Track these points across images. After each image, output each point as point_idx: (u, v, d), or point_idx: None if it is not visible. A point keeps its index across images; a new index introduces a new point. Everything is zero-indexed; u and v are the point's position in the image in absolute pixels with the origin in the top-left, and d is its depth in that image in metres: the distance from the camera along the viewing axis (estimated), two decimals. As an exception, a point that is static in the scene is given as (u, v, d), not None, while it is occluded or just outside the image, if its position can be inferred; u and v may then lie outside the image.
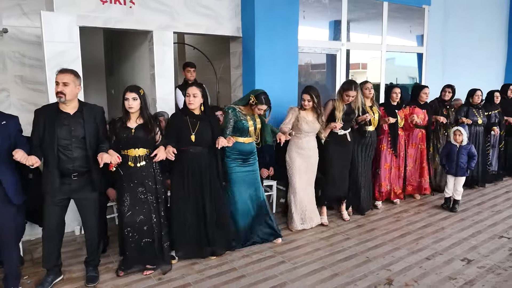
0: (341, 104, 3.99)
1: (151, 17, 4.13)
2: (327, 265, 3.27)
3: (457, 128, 4.54)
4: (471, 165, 4.49)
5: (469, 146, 4.49)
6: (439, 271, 3.17)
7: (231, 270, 3.18)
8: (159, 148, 3.00)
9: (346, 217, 4.30)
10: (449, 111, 5.21)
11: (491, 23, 7.52)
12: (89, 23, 3.83)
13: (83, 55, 6.45)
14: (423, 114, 4.80)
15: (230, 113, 3.48)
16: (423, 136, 4.90)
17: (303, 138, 3.88)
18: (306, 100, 3.78)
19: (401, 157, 4.69)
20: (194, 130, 3.18)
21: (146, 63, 4.49)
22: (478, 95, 5.33)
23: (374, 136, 4.39)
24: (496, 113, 5.59)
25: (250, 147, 3.60)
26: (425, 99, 4.84)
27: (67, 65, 3.76)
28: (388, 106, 4.62)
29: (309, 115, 3.85)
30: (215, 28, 4.53)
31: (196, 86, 3.23)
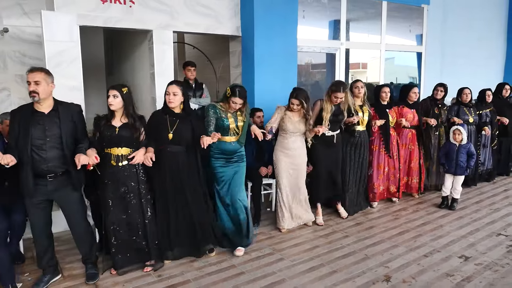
0: (329, 105, 3.92)
1: (151, 17, 4.15)
2: (326, 262, 3.29)
3: (457, 127, 4.52)
4: (470, 164, 4.49)
5: (468, 145, 4.50)
6: (436, 268, 3.19)
7: (230, 267, 3.21)
8: (138, 150, 2.95)
9: (343, 215, 4.29)
10: (441, 110, 5.13)
11: (490, 22, 7.54)
12: (89, 22, 3.85)
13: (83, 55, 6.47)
14: (412, 114, 4.75)
15: (210, 110, 3.40)
16: (413, 136, 4.83)
17: (288, 138, 3.84)
18: (295, 105, 3.73)
19: (394, 157, 4.65)
20: (172, 129, 3.11)
21: (146, 62, 4.51)
22: (466, 93, 5.30)
23: (365, 136, 4.33)
24: (487, 112, 5.54)
25: (233, 146, 3.48)
26: (415, 98, 4.77)
27: (68, 64, 3.83)
28: (378, 106, 4.57)
29: (295, 115, 3.80)
30: (215, 28, 4.56)
31: (176, 84, 3.15)
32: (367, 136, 4.36)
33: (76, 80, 3.87)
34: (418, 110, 4.80)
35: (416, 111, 4.78)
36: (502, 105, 5.81)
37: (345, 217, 4.26)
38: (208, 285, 2.94)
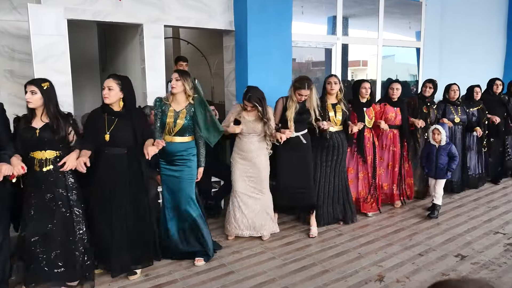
0: (293, 103, 3.55)
1: (141, 10, 4.06)
2: (318, 261, 3.21)
3: (435, 126, 4.21)
4: (451, 166, 4.14)
5: (448, 146, 4.16)
6: (431, 267, 3.11)
7: (220, 266, 3.13)
8: (70, 154, 2.63)
9: (312, 233, 3.68)
10: (429, 109, 4.70)
11: (489, 17, 7.43)
12: (77, 16, 3.76)
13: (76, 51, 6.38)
14: (394, 113, 4.32)
15: (156, 105, 3.12)
16: (394, 137, 4.36)
17: (243, 139, 3.52)
18: (249, 107, 3.43)
19: (369, 162, 4.16)
20: (109, 129, 2.79)
21: (137, 57, 4.42)
22: (454, 89, 4.88)
23: (339, 138, 3.85)
24: (474, 111, 5.06)
25: (172, 147, 3.09)
26: (395, 95, 4.32)
27: (55, 58, 3.74)
28: (356, 103, 4.12)
29: (250, 115, 3.48)
30: (206, 22, 4.46)
31: (113, 78, 2.82)
32: (343, 138, 3.88)
33: (65, 75, 3.77)
34: (403, 109, 4.36)
35: (401, 110, 4.35)
36: (492, 102, 5.33)
37: (313, 236, 3.68)
38: (196, 285, 2.87)
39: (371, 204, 4.21)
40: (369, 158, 4.15)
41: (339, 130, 3.87)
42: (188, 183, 3.15)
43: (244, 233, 3.58)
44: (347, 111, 3.88)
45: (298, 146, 3.62)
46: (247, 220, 3.56)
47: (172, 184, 3.18)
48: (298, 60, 5.88)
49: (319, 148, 3.81)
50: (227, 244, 3.52)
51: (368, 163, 4.14)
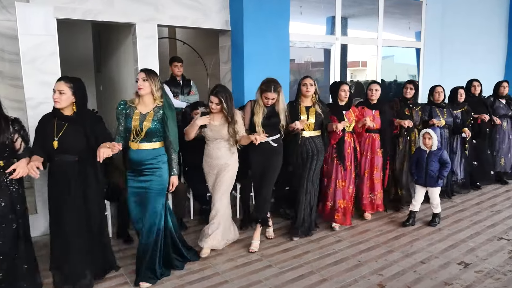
0: (260, 107, 3.36)
1: (133, 9, 3.94)
2: (316, 269, 3.09)
3: (426, 130, 3.93)
4: (442, 173, 3.87)
5: (440, 152, 3.89)
6: (434, 275, 2.99)
7: (214, 275, 3.01)
8: (19, 161, 2.46)
9: (252, 248, 3.42)
10: (411, 111, 4.40)
11: (490, 17, 7.33)
12: (67, 15, 3.64)
13: (71, 52, 6.29)
14: (372, 116, 4.01)
15: (119, 108, 2.83)
16: (373, 142, 4.10)
17: (210, 145, 3.31)
18: (213, 103, 3.17)
19: (348, 169, 3.87)
20: (58, 135, 2.59)
21: (130, 58, 4.30)
22: (439, 91, 4.64)
23: (315, 143, 3.61)
24: (458, 113, 4.82)
25: (139, 155, 2.81)
26: (374, 97, 4.07)
27: (44, 59, 3.62)
28: (335, 106, 3.85)
29: (216, 119, 3.23)
30: (202, 21, 4.34)
31: (65, 81, 2.60)
32: (318, 143, 3.63)
33: (54, 76, 3.61)
34: (383, 111, 4.11)
35: (380, 112, 4.09)
36: (473, 103, 5.12)
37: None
38: (188, 295, 2.75)
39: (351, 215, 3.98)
40: (349, 165, 3.87)
41: (314, 135, 3.63)
42: (157, 194, 2.86)
43: (221, 244, 3.39)
44: (321, 114, 3.61)
45: (267, 151, 3.41)
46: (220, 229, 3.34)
47: (139, 197, 2.87)
48: (297, 61, 5.79)
49: (293, 154, 3.61)
50: (223, 251, 3.39)
51: (348, 170, 3.87)
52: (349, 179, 3.89)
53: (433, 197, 3.96)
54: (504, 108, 5.35)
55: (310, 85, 3.56)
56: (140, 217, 2.89)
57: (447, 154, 3.96)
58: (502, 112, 5.32)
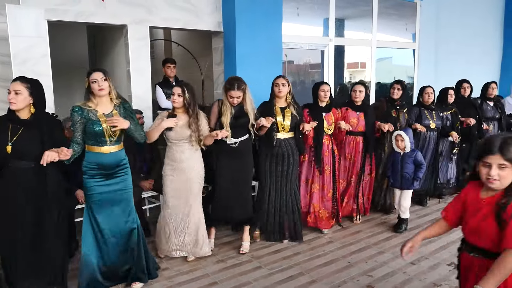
0: (227, 108, 3.26)
1: (125, 11, 3.95)
2: (305, 270, 3.09)
3: (398, 132, 3.82)
4: (417, 174, 3.76)
5: (414, 153, 3.78)
6: (423, 277, 2.99)
7: (203, 277, 3.01)
8: None
9: (243, 249, 3.38)
10: (398, 113, 4.24)
11: (485, 18, 7.33)
12: (58, 17, 3.65)
13: (67, 53, 6.30)
14: (356, 118, 3.93)
15: (76, 114, 2.60)
16: (357, 145, 3.99)
17: (173, 147, 3.15)
18: (176, 94, 3.05)
19: (326, 173, 3.77)
20: (12, 139, 2.42)
21: (123, 60, 4.31)
22: (429, 92, 4.46)
23: (289, 145, 3.50)
24: (448, 114, 4.68)
25: (113, 158, 2.70)
26: (359, 98, 3.96)
27: (36, 60, 3.63)
28: (315, 108, 3.75)
29: (180, 119, 3.08)
30: (194, 23, 4.35)
31: (21, 81, 2.44)
32: (293, 145, 3.53)
33: (45, 78, 3.64)
34: (367, 113, 3.98)
35: (365, 115, 3.96)
36: (463, 105, 4.96)
37: (243, 252, 3.38)
38: (176, 297, 2.75)
39: (327, 219, 3.83)
40: (327, 169, 3.76)
41: (289, 136, 3.52)
42: (130, 193, 2.83)
43: (173, 253, 3.24)
44: (297, 115, 3.50)
45: (236, 153, 3.31)
46: (179, 238, 3.21)
47: (112, 201, 2.73)
48: (296, 62, 5.80)
49: (267, 156, 3.50)
50: (214, 252, 3.39)
51: (326, 174, 3.76)
52: (328, 183, 3.80)
53: (404, 200, 3.84)
54: (491, 110, 5.22)
55: (282, 85, 3.46)
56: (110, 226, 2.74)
57: (421, 155, 3.85)
58: (489, 114, 5.19)
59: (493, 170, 1.61)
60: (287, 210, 3.57)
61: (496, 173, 1.60)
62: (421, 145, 4.45)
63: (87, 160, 2.67)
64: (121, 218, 2.77)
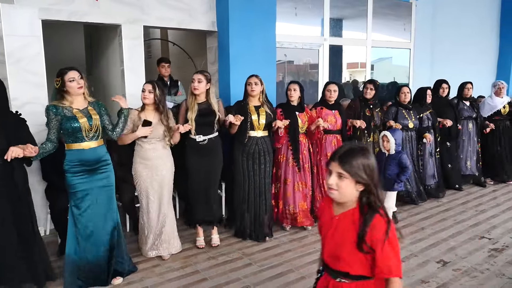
0: (193, 101, 3.26)
1: (119, 10, 3.97)
2: (295, 267, 3.12)
3: (384, 133, 3.77)
4: (400, 177, 3.66)
5: (399, 155, 3.68)
6: (411, 274, 3.02)
7: (194, 273, 3.04)
8: None
9: (214, 242, 3.46)
10: (372, 112, 4.27)
11: (481, 17, 7.34)
12: (52, 16, 3.68)
13: (63, 53, 6.33)
14: (333, 117, 3.97)
15: (51, 112, 2.61)
16: (338, 144, 3.98)
17: (145, 146, 3.12)
18: (147, 90, 3.06)
19: (306, 171, 3.81)
20: None
21: (117, 59, 4.34)
22: (405, 92, 4.46)
23: (265, 143, 3.53)
24: (428, 114, 4.70)
25: (95, 153, 2.73)
26: (332, 97, 3.98)
27: (30, 59, 3.66)
28: (287, 107, 3.78)
29: (149, 116, 3.10)
30: (188, 22, 4.38)
31: None
32: (268, 143, 3.57)
33: (39, 77, 3.69)
34: (342, 112, 4.05)
35: (340, 113, 4.03)
36: (441, 105, 4.97)
37: (215, 245, 3.45)
38: (166, 293, 2.78)
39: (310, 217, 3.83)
40: (307, 166, 3.81)
41: (265, 135, 3.56)
42: (113, 190, 2.87)
43: (150, 253, 3.24)
44: (271, 114, 3.55)
45: (205, 150, 3.31)
46: (154, 237, 3.23)
47: (95, 197, 2.75)
48: (296, 62, 5.83)
49: (241, 155, 3.51)
50: (205, 249, 3.43)
51: (306, 171, 3.81)
52: (308, 181, 3.84)
53: (389, 201, 3.71)
54: (468, 110, 5.22)
55: (255, 84, 3.47)
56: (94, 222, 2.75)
57: (406, 158, 3.73)
58: (466, 114, 5.20)
59: (331, 177, 1.48)
60: (264, 208, 3.60)
61: (335, 182, 1.47)
62: (402, 145, 4.37)
63: (68, 159, 2.69)
64: (103, 216, 2.80)
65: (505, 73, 7.66)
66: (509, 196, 4.94)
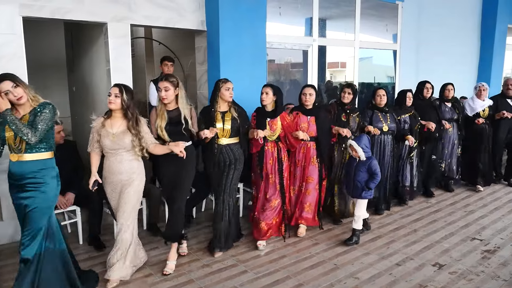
0: (162, 108, 3.03)
1: (104, 8, 3.81)
2: (292, 274, 3.05)
3: (350, 142, 3.60)
4: (368, 184, 3.48)
5: (368, 161, 3.51)
6: (409, 278, 3.00)
7: (188, 282, 2.93)
8: None
9: (167, 269, 3.04)
10: (348, 117, 4.05)
11: (464, 19, 7.47)
12: (33, 13, 3.48)
13: (43, 51, 6.08)
14: (307, 123, 3.72)
15: None
16: (308, 151, 3.76)
17: (109, 158, 2.81)
18: (113, 95, 2.75)
19: (270, 182, 3.58)
20: None
21: (103, 58, 4.17)
22: (381, 94, 4.28)
23: (233, 151, 3.32)
24: (406, 117, 4.54)
25: (19, 168, 2.44)
26: (309, 102, 3.73)
27: (9, 58, 3.46)
28: (260, 112, 3.57)
29: (116, 124, 2.79)
30: (176, 21, 4.24)
31: None
32: (236, 151, 3.35)
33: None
34: (319, 117, 3.76)
35: (316, 119, 3.75)
36: (424, 107, 4.80)
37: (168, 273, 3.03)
38: (160, 304, 2.66)
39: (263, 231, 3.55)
40: (271, 177, 3.58)
41: (232, 142, 3.34)
42: (40, 213, 2.45)
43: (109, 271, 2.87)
44: (237, 119, 3.32)
45: (178, 161, 2.93)
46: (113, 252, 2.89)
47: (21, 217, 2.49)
48: (278, 62, 5.77)
49: (212, 164, 3.31)
50: (197, 256, 3.32)
51: (270, 183, 3.58)
52: (273, 192, 3.60)
53: (358, 209, 3.58)
54: (449, 112, 5.07)
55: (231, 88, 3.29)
56: None
57: (376, 164, 3.53)
58: (447, 116, 5.04)
59: None
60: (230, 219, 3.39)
61: None
62: (377, 149, 4.30)
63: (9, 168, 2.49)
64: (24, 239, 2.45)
65: (485, 75, 7.81)
66: (495, 196, 5.03)
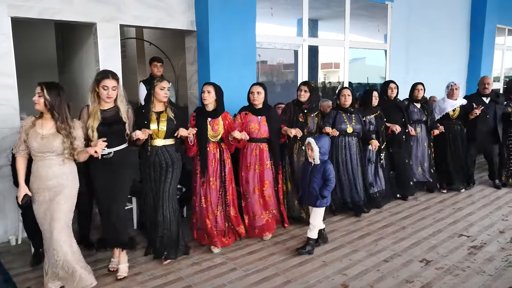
0: (96, 107, 2.80)
1: (94, 8, 3.82)
2: (281, 271, 3.08)
3: (308, 140, 3.35)
4: (322, 192, 3.26)
5: (323, 166, 3.29)
6: (396, 274, 3.03)
7: (177, 280, 2.94)
8: None
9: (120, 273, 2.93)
10: (306, 117, 3.87)
11: (453, 19, 7.56)
12: (22, 13, 3.49)
13: (33, 52, 6.07)
14: (258, 124, 3.57)
15: None
16: (261, 153, 3.59)
17: (37, 162, 2.57)
18: (36, 95, 2.51)
19: (212, 186, 3.38)
20: None
21: (92, 59, 4.18)
22: (345, 94, 4.12)
23: (169, 153, 3.12)
24: (372, 118, 4.36)
25: None
26: (258, 101, 3.56)
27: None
28: (201, 111, 3.41)
29: (47, 126, 2.57)
30: (166, 21, 4.26)
31: None
32: (172, 153, 3.15)
33: (9, 77, 3.50)
34: (270, 118, 3.60)
35: (267, 119, 3.59)
36: (389, 108, 4.62)
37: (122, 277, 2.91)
38: (149, 302, 2.67)
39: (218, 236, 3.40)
40: (212, 181, 3.39)
41: (168, 144, 3.13)
42: None
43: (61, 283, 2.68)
44: (174, 120, 3.11)
45: (112, 165, 2.82)
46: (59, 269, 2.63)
47: None
48: (270, 62, 5.81)
49: (147, 166, 3.13)
50: (187, 255, 3.34)
51: (211, 187, 3.38)
52: (215, 198, 3.41)
53: (313, 217, 3.37)
54: (418, 113, 4.87)
55: (167, 88, 3.10)
56: None
57: (331, 169, 3.31)
58: (415, 117, 4.85)
59: None
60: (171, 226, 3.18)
61: None
62: (342, 152, 4.17)
63: None
64: None
65: (474, 75, 7.87)
66: (483, 193, 5.09)
